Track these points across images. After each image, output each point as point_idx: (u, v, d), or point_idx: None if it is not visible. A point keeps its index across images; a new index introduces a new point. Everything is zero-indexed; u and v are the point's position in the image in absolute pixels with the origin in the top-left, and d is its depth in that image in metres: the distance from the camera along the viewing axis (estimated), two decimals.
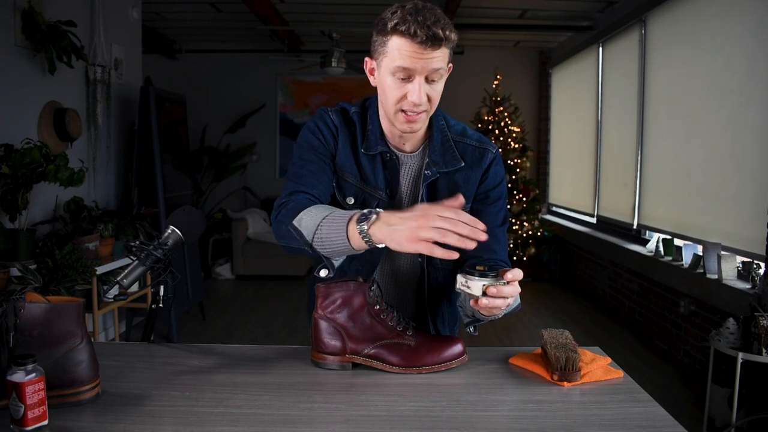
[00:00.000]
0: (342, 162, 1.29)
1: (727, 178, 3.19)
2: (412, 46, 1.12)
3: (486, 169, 1.32)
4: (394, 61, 1.14)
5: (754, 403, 2.48)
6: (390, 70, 1.16)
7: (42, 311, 0.96)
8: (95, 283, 2.92)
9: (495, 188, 1.33)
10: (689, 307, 3.35)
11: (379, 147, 1.28)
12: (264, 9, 4.86)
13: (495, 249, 1.32)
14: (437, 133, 1.30)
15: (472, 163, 1.31)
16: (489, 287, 1.01)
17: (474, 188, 1.31)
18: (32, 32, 2.92)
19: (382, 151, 1.28)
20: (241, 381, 1.07)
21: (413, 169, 1.31)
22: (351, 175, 1.29)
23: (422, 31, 1.10)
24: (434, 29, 1.10)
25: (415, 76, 1.15)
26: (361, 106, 1.33)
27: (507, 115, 6.04)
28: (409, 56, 1.12)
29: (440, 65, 1.14)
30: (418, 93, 1.15)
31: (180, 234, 1.24)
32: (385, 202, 1.27)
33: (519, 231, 5.96)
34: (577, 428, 0.91)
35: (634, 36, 4.41)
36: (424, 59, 1.12)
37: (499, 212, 1.33)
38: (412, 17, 1.11)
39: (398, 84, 1.17)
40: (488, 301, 1.03)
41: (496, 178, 1.33)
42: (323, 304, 1.14)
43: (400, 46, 1.13)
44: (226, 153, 6.53)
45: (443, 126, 1.32)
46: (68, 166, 2.78)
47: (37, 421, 0.86)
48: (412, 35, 1.11)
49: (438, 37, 1.10)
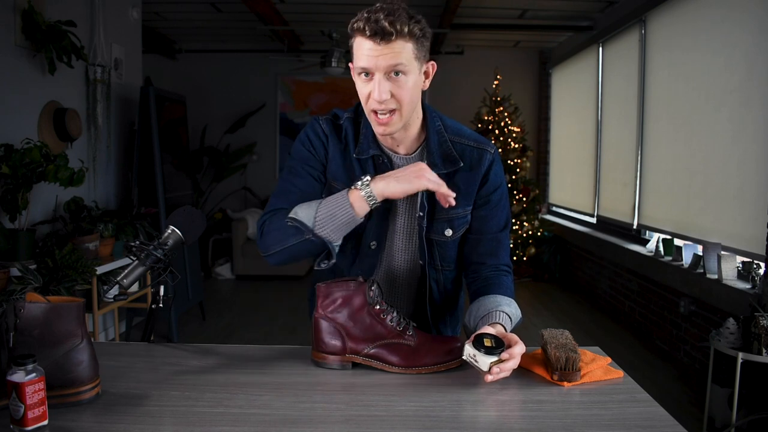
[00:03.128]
0: (333, 171, 1.29)
1: (727, 178, 3.19)
2: (366, 42, 1.12)
3: (486, 172, 1.30)
4: (357, 61, 1.16)
5: (754, 403, 2.48)
6: (356, 70, 1.17)
7: (42, 311, 0.96)
8: (95, 283, 2.92)
9: (496, 191, 1.32)
10: (689, 307, 3.35)
11: (371, 150, 1.27)
12: (264, 9, 4.86)
13: (498, 254, 1.32)
14: (434, 135, 1.28)
15: (471, 165, 1.29)
16: (493, 367, 1.05)
17: (474, 191, 1.30)
18: (32, 32, 2.92)
19: (374, 154, 1.27)
20: (241, 381, 1.07)
21: None
22: (342, 183, 1.27)
23: (370, 26, 1.10)
24: (383, 23, 1.09)
25: (374, 73, 1.14)
26: (354, 110, 1.32)
27: (507, 115, 6.04)
28: (365, 54, 1.13)
29: (398, 60, 1.12)
30: (377, 90, 1.14)
31: (180, 234, 1.24)
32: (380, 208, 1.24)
33: (519, 231, 5.96)
34: (577, 428, 0.91)
35: (634, 36, 4.41)
36: (379, 55, 1.12)
37: (501, 216, 1.33)
38: (367, 15, 1.12)
39: (364, 84, 1.17)
40: (493, 377, 1.05)
41: (497, 180, 1.32)
42: (323, 304, 1.14)
43: (357, 44, 1.15)
44: (226, 153, 6.53)
45: (439, 127, 1.30)
46: (68, 166, 2.77)
47: (37, 421, 0.86)
48: (362, 31, 1.12)
49: (386, 30, 1.10)
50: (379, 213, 1.27)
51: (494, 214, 1.32)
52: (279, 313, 4.70)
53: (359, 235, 1.29)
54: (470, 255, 1.34)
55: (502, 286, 1.29)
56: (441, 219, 1.29)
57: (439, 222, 1.29)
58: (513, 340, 1.10)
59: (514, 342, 1.10)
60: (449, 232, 1.30)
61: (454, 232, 1.30)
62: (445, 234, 1.30)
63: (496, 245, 1.32)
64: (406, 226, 1.31)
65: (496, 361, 1.05)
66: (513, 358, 1.06)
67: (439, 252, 1.32)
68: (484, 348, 1.05)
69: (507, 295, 1.27)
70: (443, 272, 1.35)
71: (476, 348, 1.06)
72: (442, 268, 1.34)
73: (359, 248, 1.31)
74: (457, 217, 1.30)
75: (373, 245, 1.30)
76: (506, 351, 1.07)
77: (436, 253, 1.32)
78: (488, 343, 1.06)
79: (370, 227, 1.29)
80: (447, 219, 1.29)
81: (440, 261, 1.33)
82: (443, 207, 1.25)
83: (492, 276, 1.31)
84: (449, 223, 1.30)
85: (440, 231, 1.30)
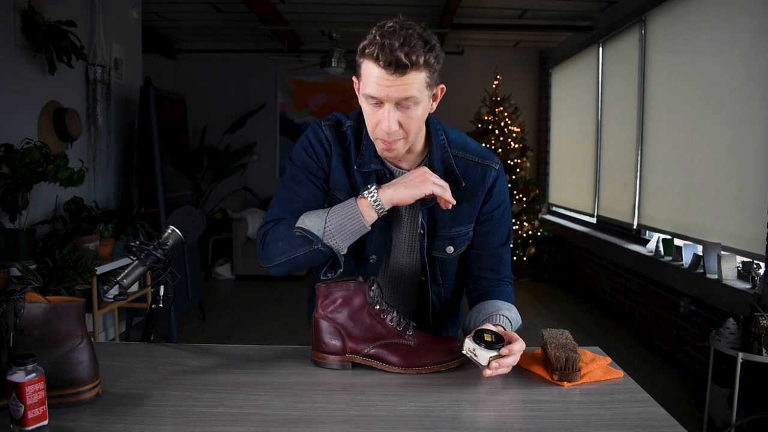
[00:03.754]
0: (336, 180, 1.25)
1: (727, 178, 3.19)
2: (378, 71, 1.06)
3: (489, 189, 1.27)
4: (365, 87, 1.11)
5: (754, 403, 2.48)
6: (364, 95, 1.12)
7: (42, 311, 0.96)
8: (95, 283, 2.92)
9: (498, 207, 1.29)
10: (689, 307, 3.35)
11: (373, 165, 1.23)
12: (264, 9, 4.86)
13: (499, 268, 1.32)
14: (437, 150, 1.24)
15: (474, 183, 1.26)
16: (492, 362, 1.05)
17: (477, 208, 1.28)
18: (32, 32, 2.92)
19: (377, 168, 1.23)
20: (241, 381, 1.07)
21: None
22: (344, 194, 1.24)
23: (384, 56, 1.03)
24: (398, 54, 1.03)
25: (384, 103, 1.09)
26: (357, 119, 1.27)
27: (507, 115, 6.04)
28: (376, 83, 1.07)
29: (410, 93, 1.07)
30: (387, 122, 1.10)
31: (180, 234, 1.24)
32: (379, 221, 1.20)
33: (519, 231, 5.96)
34: (577, 428, 0.91)
35: (634, 36, 4.41)
36: (391, 86, 1.06)
37: (503, 231, 1.31)
38: (380, 39, 1.04)
39: (371, 110, 1.13)
40: (492, 372, 1.04)
41: (500, 197, 1.29)
42: (323, 304, 1.14)
43: (368, 71, 1.09)
44: (226, 153, 6.53)
45: (443, 141, 1.26)
46: (68, 166, 2.77)
47: (37, 421, 0.86)
48: (375, 59, 1.05)
49: (401, 63, 1.03)
50: (380, 227, 1.24)
51: (496, 230, 1.30)
52: (279, 313, 4.70)
53: (359, 249, 1.27)
54: (471, 269, 1.33)
55: (503, 293, 1.29)
56: (442, 236, 1.27)
57: (441, 239, 1.28)
58: (513, 338, 1.10)
59: (514, 339, 1.10)
60: (450, 249, 1.29)
61: (455, 249, 1.29)
62: (446, 251, 1.29)
63: (497, 260, 1.31)
64: (407, 242, 1.30)
65: (496, 356, 1.05)
66: (512, 354, 1.06)
67: (440, 268, 1.31)
68: (485, 343, 1.06)
69: (507, 301, 1.27)
70: (444, 285, 1.34)
71: (476, 342, 1.06)
72: (443, 282, 1.33)
73: (357, 261, 1.29)
74: (459, 234, 1.28)
75: (372, 259, 1.28)
76: (506, 347, 1.07)
77: (437, 269, 1.31)
78: (488, 338, 1.06)
79: (370, 241, 1.26)
80: (449, 237, 1.28)
81: (441, 276, 1.32)
82: (444, 224, 1.25)
83: (493, 286, 1.30)
84: (451, 241, 1.28)
85: (441, 248, 1.29)
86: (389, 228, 1.28)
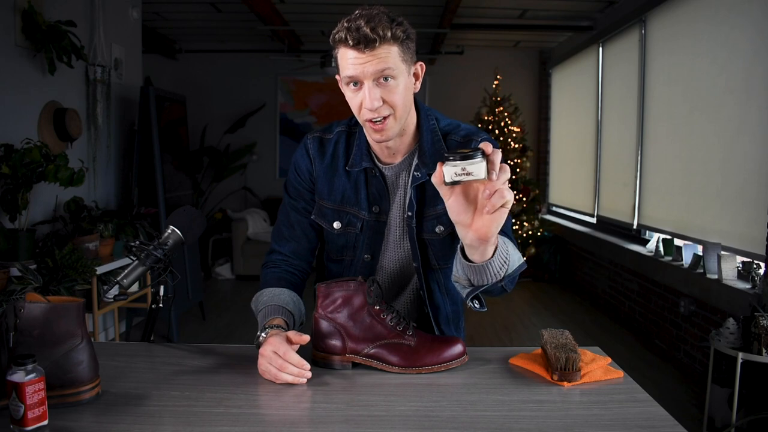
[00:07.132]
0: (321, 189, 1.31)
1: (727, 178, 3.19)
2: (351, 52, 1.11)
3: None
4: (343, 71, 1.15)
5: (754, 403, 2.48)
6: (344, 81, 1.17)
7: (42, 311, 0.96)
8: (95, 283, 2.92)
9: None
10: (689, 307, 3.35)
11: (364, 163, 1.27)
12: (264, 9, 4.86)
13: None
14: (427, 133, 1.27)
15: None
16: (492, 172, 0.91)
17: None
18: (32, 32, 2.92)
19: (366, 167, 1.27)
20: (241, 381, 1.07)
21: (404, 177, 1.29)
22: (331, 201, 1.30)
23: (352, 35, 1.09)
24: (364, 30, 1.08)
25: (362, 81, 1.13)
26: (348, 123, 1.33)
27: (507, 115, 6.04)
28: (351, 63, 1.12)
29: (385, 65, 1.11)
30: (368, 97, 1.13)
31: (180, 234, 1.24)
32: (370, 222, 1.28)
33: (519, 231, 5.96)
34: (577, 428, 0.91)
35: (634, 36, 4.41)
36: (365, 63, 1.11)
37: None
38: (347, 24, 1.11)
39: (353, 94, 1.16)
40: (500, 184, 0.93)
41: None
42: (323, 304, 1.15)
43: (342, 55, 1.14)
44: (226, 153, 6.53)
45: (433, 126, 1.28)
46: (68, 166, 2.77)
47: (37, 421, 0.86)
48: (345, 42, 1.11)
49: (369, 37, 1.09)
50: (373, 228, 1.29)
51: None
52: None
53: (354, 249, 1.32)
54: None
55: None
56: (430, 216, 1.27)
57: (429, 220, 1.28)
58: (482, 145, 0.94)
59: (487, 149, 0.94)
60: (440, 228, 1.28)
61: (445, 228, 1.28)
62: (436, 231, 1.28)
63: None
64: (398, 234, 1.31)
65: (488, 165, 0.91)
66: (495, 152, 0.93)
67: (432, 251, 1.30)
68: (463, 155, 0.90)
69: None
70: (442, 271, 1.32)
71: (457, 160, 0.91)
72: (439, 267, 1.32)
73: (353, 261, 1.33)
74: (444, 213, 1.25)
75: (367, 258, 1.32)
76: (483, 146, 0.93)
77: (430, 253, 1.30)
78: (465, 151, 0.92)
79: (363, 241, 1.30)
80: (436, 216, 1.27)
81: (436, 260, 1.31)
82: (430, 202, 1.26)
83: None
84: (438, 219, 1.27)
85: (431, 229, 1.28)
86: (383, 227, 1.30)
